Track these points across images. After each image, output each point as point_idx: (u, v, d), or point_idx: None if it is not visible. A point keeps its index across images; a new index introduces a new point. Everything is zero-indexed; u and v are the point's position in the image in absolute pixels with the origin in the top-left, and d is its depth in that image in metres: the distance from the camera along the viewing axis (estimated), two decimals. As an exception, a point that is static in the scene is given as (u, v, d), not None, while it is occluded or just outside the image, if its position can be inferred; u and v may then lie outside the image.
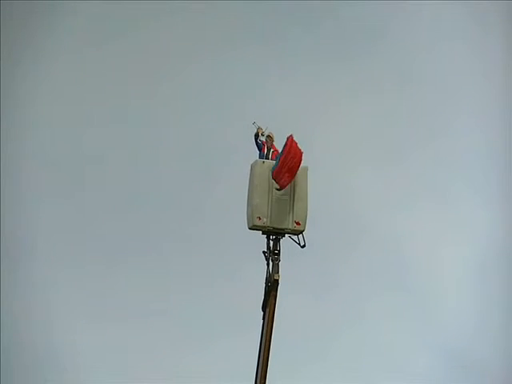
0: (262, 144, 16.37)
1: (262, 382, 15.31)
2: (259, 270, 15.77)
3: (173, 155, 44.28)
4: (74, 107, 46.29)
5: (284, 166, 15.46)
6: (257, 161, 16.14)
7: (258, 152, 16.40)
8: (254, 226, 15.91)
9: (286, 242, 15.94)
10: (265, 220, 15.81)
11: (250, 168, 16.23)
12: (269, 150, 16.36)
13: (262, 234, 16.07)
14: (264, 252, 15.98)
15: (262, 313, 15.87)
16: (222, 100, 45.75)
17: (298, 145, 15.29)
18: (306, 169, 16.10)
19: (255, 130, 16.37)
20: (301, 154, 15.28)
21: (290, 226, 15.89)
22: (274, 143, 16.42)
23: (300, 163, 15.38)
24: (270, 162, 16.07)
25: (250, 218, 15.99)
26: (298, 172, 15.98)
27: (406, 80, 47.58)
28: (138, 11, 46.06)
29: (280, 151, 15.78)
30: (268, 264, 15.86)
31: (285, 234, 15.98)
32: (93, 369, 34.67)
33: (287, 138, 15.41)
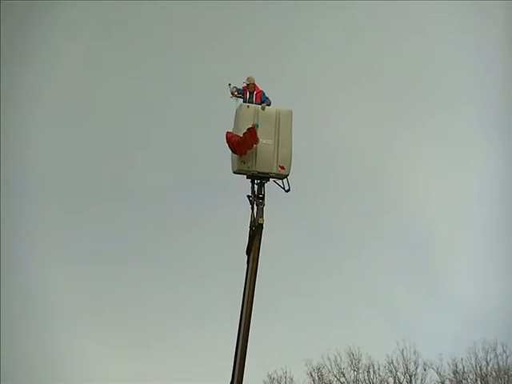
0: (244, 90, 16.22)
1: (247, 324, 15.47)
2: (244, 213, 15.78)
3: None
4: (74, 109, 45.65)
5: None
6: (241, 105, 16.01)
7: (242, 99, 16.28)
8: (239, 170, 15.85)
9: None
10: (249, 164, 15.75)
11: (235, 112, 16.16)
12: (251, 94, 16.21)
13: (247, 178, 16.01)
14: (248, 196, 15.94)
15: (246, 257, 15.94)
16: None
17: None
18: (290, 113, 15.99)
19: (229, 91, 16.25)
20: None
21: (275, 171, 15.81)
22: (257, 84, 16.27)
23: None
24: (255, 106, 15.96)
25: (234, 161, 15.93)
26: (282, 116, 15.92)
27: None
28: (136, 11, 45.08)
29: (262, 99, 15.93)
30: (252, 208, 15.84)
31: (269, 178, 15.91)
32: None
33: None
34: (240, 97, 16.16)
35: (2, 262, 32.46)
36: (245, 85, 16.30)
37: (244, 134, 15.49)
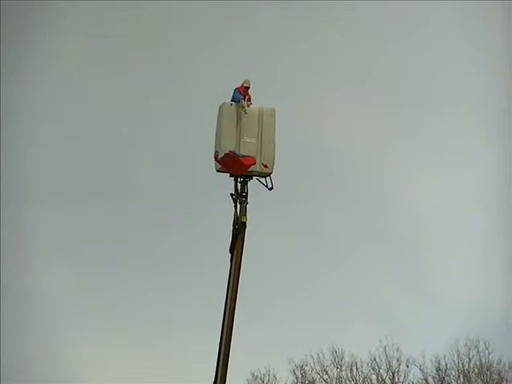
0: (240, 92, 16.15)
1: (230, 321, 15.46)
2: (227, 212, 15.77)
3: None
4: (73, 109, 45.38)
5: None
6: (225, 103, 15.94)
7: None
8: (222, 168, 15.85)
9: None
10: None
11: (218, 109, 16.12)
12: (244, 97, 16.16)
13: (230, 176, 15.99)
14: (232, 194, 15.91)
15: (229, 255, 15.93)
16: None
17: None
18: (273, 111, 15.98)
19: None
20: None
21: (258, 169, 15.77)
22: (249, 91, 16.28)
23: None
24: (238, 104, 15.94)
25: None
26: (266, 114, 15.93)
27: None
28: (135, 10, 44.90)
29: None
30: (236, 206, 15.80)
31: (252, 176, 15.86)
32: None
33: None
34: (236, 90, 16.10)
35: (2, 262, 32.40)
36: (239, 86, 16.24)
37: (222, 157, 15.49)
